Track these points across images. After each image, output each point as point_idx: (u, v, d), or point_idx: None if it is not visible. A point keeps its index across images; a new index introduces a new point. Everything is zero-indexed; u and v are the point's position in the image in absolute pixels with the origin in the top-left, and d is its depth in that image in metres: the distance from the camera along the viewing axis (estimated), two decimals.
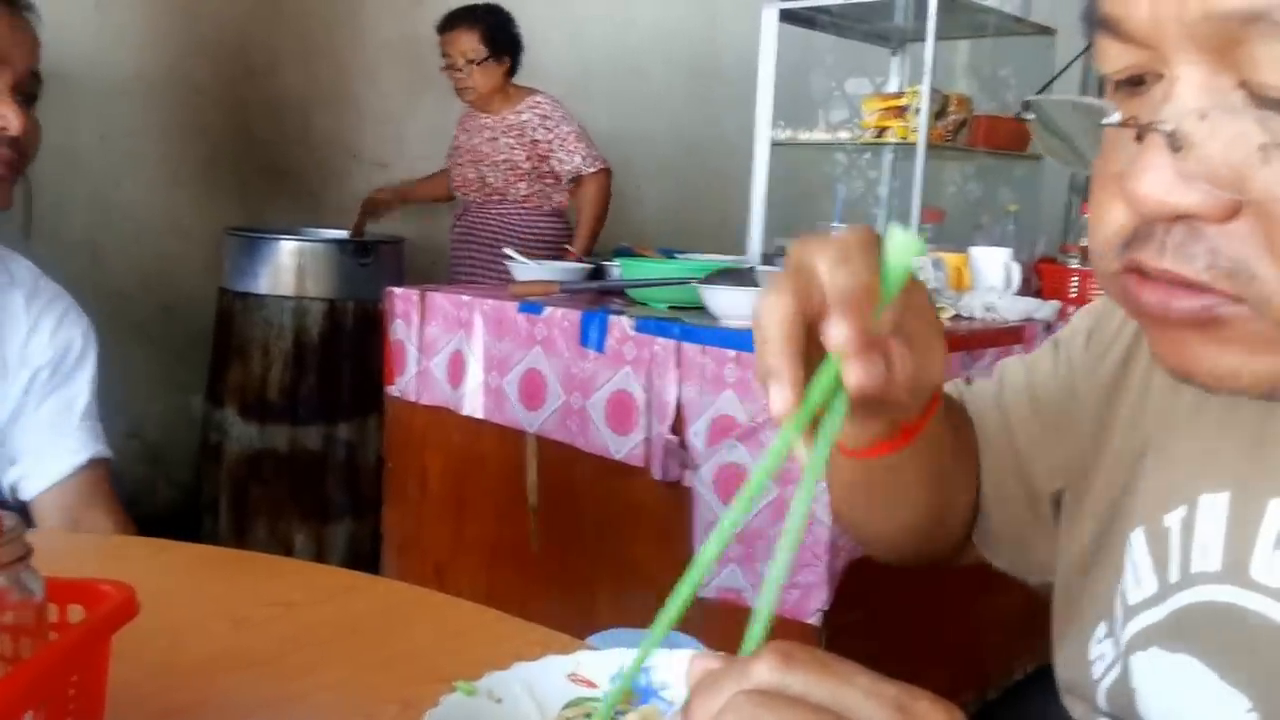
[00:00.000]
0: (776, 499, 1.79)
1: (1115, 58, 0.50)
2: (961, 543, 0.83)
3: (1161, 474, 0.65)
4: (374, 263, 3.13)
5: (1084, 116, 0.53)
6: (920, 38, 2.88)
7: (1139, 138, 0.48)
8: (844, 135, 3.05)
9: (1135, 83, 0.49)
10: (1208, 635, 0.60)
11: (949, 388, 0.83)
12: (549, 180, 3.38)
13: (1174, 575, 0.62)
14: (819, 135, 3.07)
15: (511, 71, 3.37)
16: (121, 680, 0.61)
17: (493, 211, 3.39)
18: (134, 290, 3.30)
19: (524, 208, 3.38)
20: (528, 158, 3.34)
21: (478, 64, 3.27)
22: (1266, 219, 0.45)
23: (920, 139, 2.78)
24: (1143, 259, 0.49)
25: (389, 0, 3.91)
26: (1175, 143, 0.45)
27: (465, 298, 2.29)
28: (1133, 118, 0.48)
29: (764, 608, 0.49)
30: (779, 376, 0.51)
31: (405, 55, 3.92)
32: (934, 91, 2.82)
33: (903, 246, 0.53)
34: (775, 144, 3.07)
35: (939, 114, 2.94)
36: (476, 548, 2.33)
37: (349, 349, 3.06)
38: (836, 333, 0.50)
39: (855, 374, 0.50)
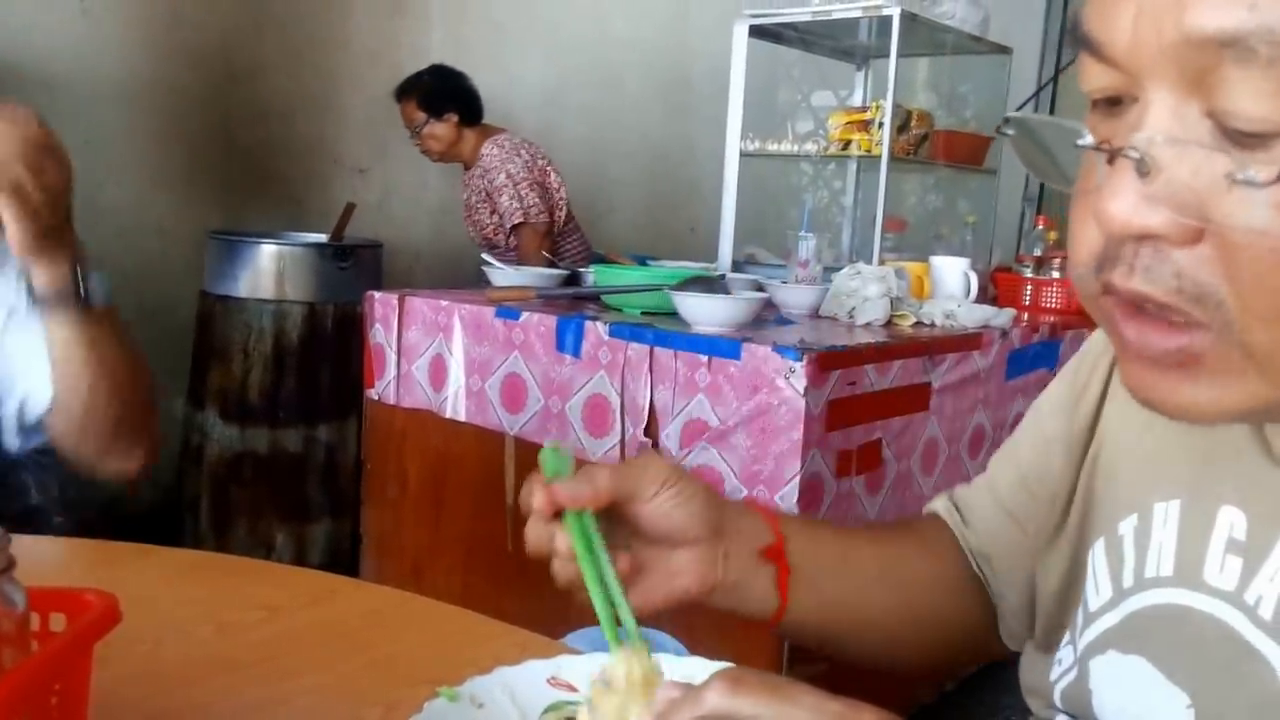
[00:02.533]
0: (745, 500, 1.82)
1: (1094, 77, 0.50)
2: (988, 640, 0.86)
3: (1117, 484, 0.68)
4: (353, 266, 3.15)
5: (1062, 136, 0.54)
6: (884, 54, 2.96)
7: (1110, 160, 0.48)
8: (811, 147, 3.12)
9: (1113, 103, 0.50)
10: (1157, 637, 0.61)
11: (940, 508, 0.88)
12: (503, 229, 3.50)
13: (1128, 580, 0.64)
14: (787, 147, 3.14)
15: (468, 121, 3.52)
16: (104, 686, 0.60)
17: (502, 257, 3.48)
18: (116, 293, 3.29)
19: (501, 254, 3.45)
20: (491, 212, 3.50)
21: (421, 128, 3.49)
22: (1227, 247, 0.45)
23: (883, 152, 2.84)
24: (1113, 279, 0.50)
25: (370, 9, 3.97)
26: (1143, 168, 0.46)
27: (444, 302, 2.31)
28: (1105, 141, 0.49)
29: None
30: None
31: (386, 63, 3.97)
32: (897, 106, 2.88)
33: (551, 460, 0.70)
34: (745, 155, 3.13)
35: (901, 128, 3.02)
36: (454, 547, 2.35)
37: (328, 351, 3.08)
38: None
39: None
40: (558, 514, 0.69)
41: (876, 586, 0.81)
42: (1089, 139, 0.50)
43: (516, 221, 3.42)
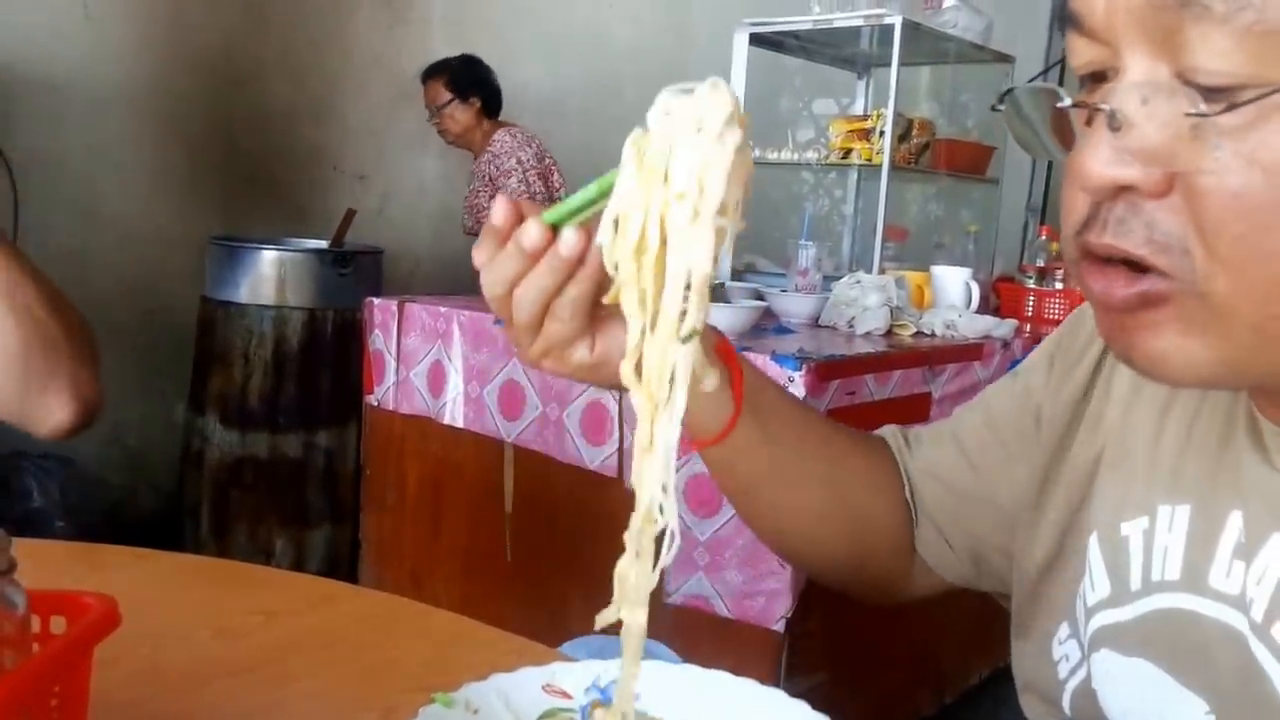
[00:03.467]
0: None
1: (1079, 52, 0.53)
2: (895, 571, 0.85)
3: (1119, 484, 0.68)
4: (353, 272, 3.16)
5: (1044, 102, 0.57)
6: (885, 63, 2.95)
7: (1088, 122, 0.53)
8: (811, 156, 3.12)
9: (1099, 78, 0.53)
10: (1164, 641, 0.62)
11: (886, 432, 0.88)
12: None
13: (1135, 583, 0.64)
14: (787, 155, 3.14)
15: (488, 112, 3.65)
16: (104, 689, 0.61)
17: None
18: (117, 298, 3.34)
19: None
20: (491, 197, 3.51)
21: (444, 107, 3.59)
22: (1194, 196, 0.49)
23: (884, 161, 2.84)
24: (1089, 239, 0.53)
25: (371, 18, 3.98)
26: (1114, 123, 0.50)
27: (443, 309, 2.31)
28: (1081, 100, 0.53)
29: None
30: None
31: (387, 71, 3.98)
32: (898, 115, 2.87)
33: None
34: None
35: (903, 137, 3.01)
36: (452, 554, 2.35)
37: (328, 357, 3.08)
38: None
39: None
40: None
41: (813, 453, 0.81)
42: (1067, 100, 0.54)
43: None
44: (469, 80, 3.62)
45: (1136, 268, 0.52)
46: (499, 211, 0.62)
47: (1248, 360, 0.51)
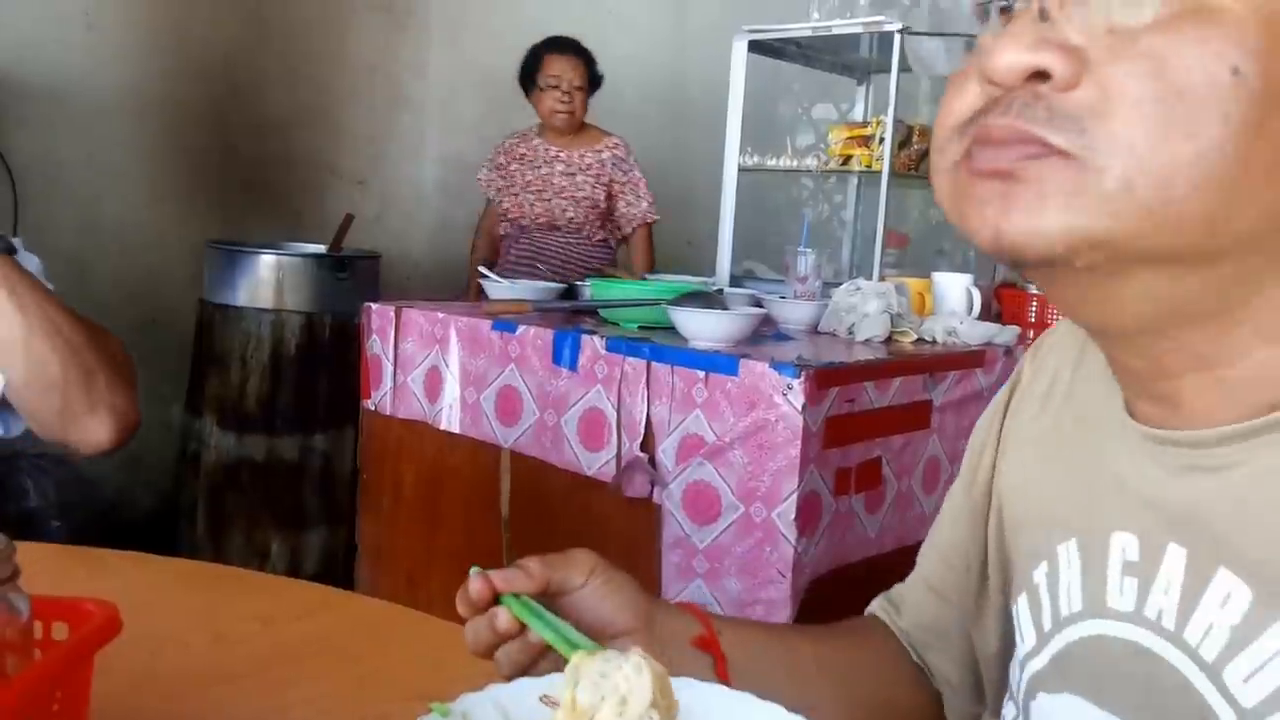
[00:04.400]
0: (741, 517, 1.83)
1: None
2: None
3: (1022, 536, 0.71)
4: (351, 277, 3.17)
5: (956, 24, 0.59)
6: (885, 69, 2.95)
7: (1005, 18, 0.53)
8: (810, 162, 3.12)
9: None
10: (1079, 670, 0.64)
11: (875, 607, 0.90)
12: (603, 215, 3.53)
13: (1047, 624, 0.67)
14: (786, 162, 3.14)
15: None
16: (103, 694, 0.61)
17: (555, 239, 3.50)
18: (117, 302, 3.34)
19: (579, 236, 3.50)
20: (606, 196, 3.49)
21: (578, 89, 3.45)
22: (1102, 88, 0.49)
23: (884, 168, 2.84)
24: (988, 121, 0.52)
25: (369, 24, 3.98)
26: (1043, 14, 0.51)
27: (440, 315, 2.30)
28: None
29: None
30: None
31: (384, 77, 3.99)
32: (898, 122, 2.87)
33: None
34: (743, 170, 3.13)
35: (903, 144, 3.01)
36: (448, 558, 2.33)
37: (325, 361, 3.09)
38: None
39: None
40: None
41: (816, 679, 0.81)
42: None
43: (652, 219, 3.51)
44: (597, 76, 3.53)
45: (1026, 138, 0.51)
46: (475, 586, 0.73)
47: (1126, 242, 0.50)
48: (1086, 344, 0.70)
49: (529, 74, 3.49)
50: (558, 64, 3.44)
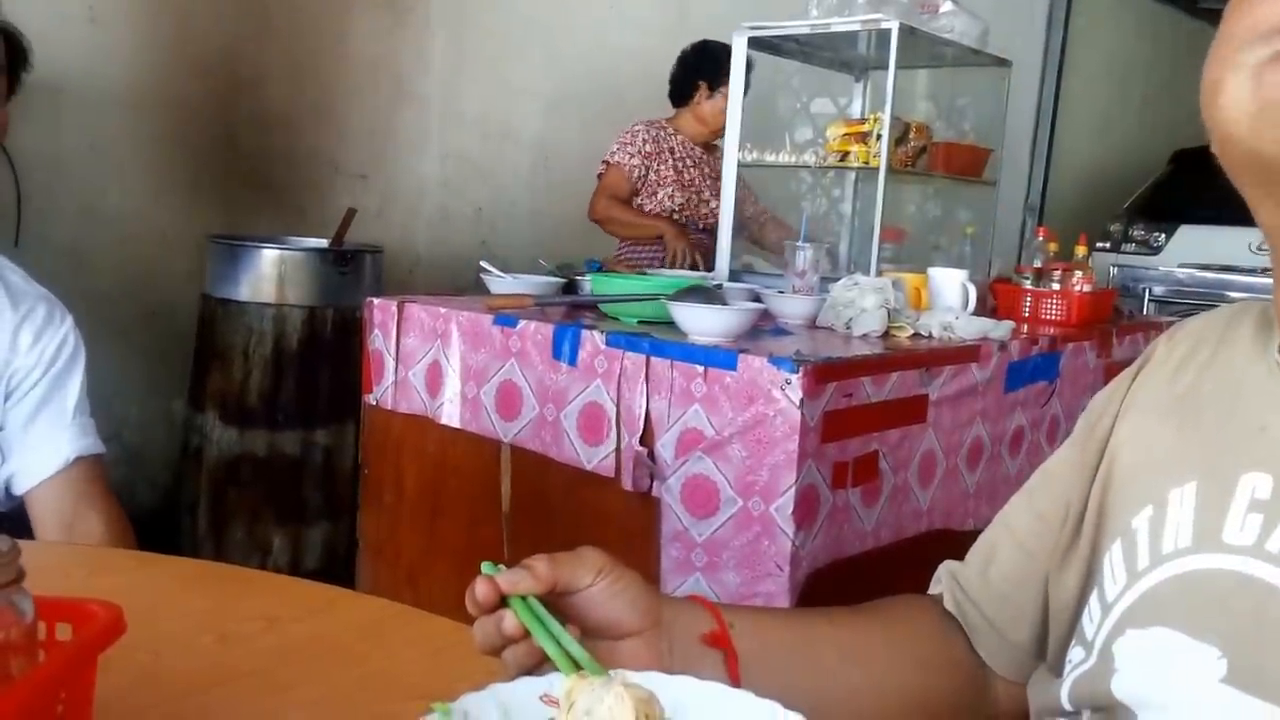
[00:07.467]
0: (740, 510, 1.84)
1: None
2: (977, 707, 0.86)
3: (1129, 489, 0.71)
4: (353, 271, 3.18)
5: None
6: (882, 66, 2.94)
7: None
8: (809, 158, 3.12)
9: None
10: (1177, 603, 0.64)
11: (942, 574, 0.89)
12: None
13: (1142, 563, 0.67)
14: (784, 158, 3.15)
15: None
16: (107, 695, 0.62)
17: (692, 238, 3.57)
18: (118, 296, 3.36)
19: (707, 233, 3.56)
20: (753, 201, 3.62)
21: (707, 99, 3.61)
22: None
23: (881, 164, 2.84)
24: None
25: (371, 21, 3.99)
26: None
27: (441, 310, 2.31)
28: None
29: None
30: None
31: (386, 72, 4.00)
32: (895, 119, 2.87)
33: None
34: (742, 165, 3.15)
35: (900, 140, 3.01)
36: (449, 553, 2.34)
37: (327, 356, 3.10)
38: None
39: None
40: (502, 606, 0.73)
41: (837, 668, 0.81)
42: None
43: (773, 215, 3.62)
44: (712, 67, 3.51)
45: None
46: (480, 590, 0.73)
47: None
48: (1231, 322, 0.73)
49: (715, 72, 3.46)
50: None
